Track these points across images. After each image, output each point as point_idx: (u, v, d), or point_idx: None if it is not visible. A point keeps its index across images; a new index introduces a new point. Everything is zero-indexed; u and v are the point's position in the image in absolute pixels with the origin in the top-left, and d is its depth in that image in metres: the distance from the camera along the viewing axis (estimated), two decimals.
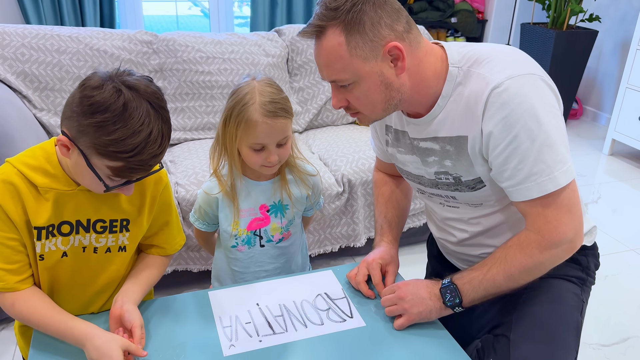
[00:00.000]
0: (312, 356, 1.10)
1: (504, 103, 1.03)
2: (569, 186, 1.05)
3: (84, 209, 1.08)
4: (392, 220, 1.44)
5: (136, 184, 1.11)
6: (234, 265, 1.45)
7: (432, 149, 1.20)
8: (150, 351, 1.08)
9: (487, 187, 1.16)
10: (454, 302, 1.13)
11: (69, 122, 0.94)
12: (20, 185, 1.02)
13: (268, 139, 1.25)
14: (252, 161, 1.30)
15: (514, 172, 1.06)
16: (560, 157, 1.04)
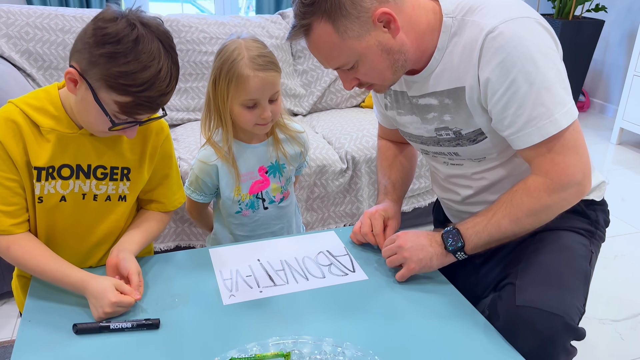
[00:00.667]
0: (314, 306, 1.07)
1: (499, 47, 1.01)
2: (572, 127, 1.03)
3: (85, 154, 1.08)
4: (396, 182, 1.42)
5: (138, 132, 1.10)
6: (239, 231, 1.44)
7: (430, 104, 1.18)
8: (149, 300, 1.07)
9: (488, 139, 1.14)
10: (456, 247, 1.10)
11: (80, 54, 0.94)
12: (22, 124, 1.02)
13: (260, 94, 1.24)
14: (246, 120, 1.28)
15: (514, 118, 1.04)
16: (559, 99, 1.02)
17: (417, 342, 0.98)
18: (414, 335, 1.00)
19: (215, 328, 1.01)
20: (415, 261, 1.11)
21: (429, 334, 1.00)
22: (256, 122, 1.28)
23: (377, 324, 1.02)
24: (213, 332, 1.00)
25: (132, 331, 0.99)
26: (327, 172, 2.03)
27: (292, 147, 1.42)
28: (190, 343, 0.97)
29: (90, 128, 1.03)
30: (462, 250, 1.11)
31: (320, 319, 1.03)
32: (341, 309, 1.06)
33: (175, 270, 1.19)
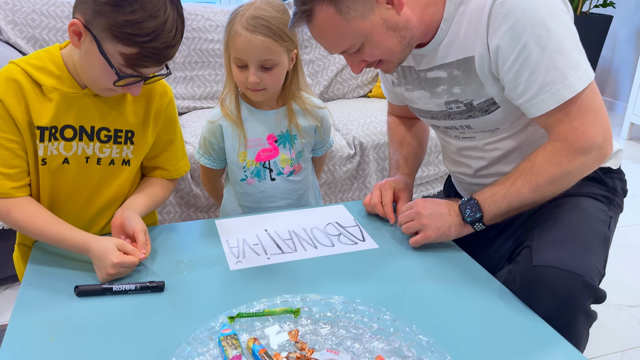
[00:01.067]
0: (323, 271, 1.04)
1: (508, 13, 0.98)
2: (589, 90, 1.00)
3: (88, 115, 1.05)
4: (408, 156, 1.39)
5: (142, 95, 1.08)
6: (244, 201, 1.40)
7: (439, 77, 1.15)
8: (154, 267, 1.04)
9: (501, 108, 1.11)
10: (475, 218, 1.07)
11: (84, 5, 0.92)
12: (24, 84, 1.00)
13: (246, 55, 1.21)
14: (238, 80, 1.27)
15: (527, 85, 1.01)
16: (573, 61, 0.99)
17: (430, 304, 0.94)
18: (426, 297, 0.96)
19: (222, 291, 0.98)
20: (433, 229, 1.08)
21: (442, 296, 0.97)
22: (246, 86, 1.26)
23: (389, 287, 0.99)
24: (219, 295, 0.97)
25: (135, 294, 0.96)
26: (335, 158, 2.00)
27: (307, 121, 1.38)
28: (196, 305, 0.94)
29: (95, 85, 1.00)
30: (480, 221, 1.07)
31: (330, 282, 1.00)
32: (351, 274, 1.03)
33: (180, 239, 1.16)
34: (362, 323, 0.84)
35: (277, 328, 0.83)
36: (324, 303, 0.88)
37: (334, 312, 0.86)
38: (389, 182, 1.26)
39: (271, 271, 1.04)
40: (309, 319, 0.85)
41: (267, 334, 0.82)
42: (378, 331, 0.83)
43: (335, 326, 0.84)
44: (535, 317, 0.92)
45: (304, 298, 0.88)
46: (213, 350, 0.78)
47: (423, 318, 0.89)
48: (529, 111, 1.05)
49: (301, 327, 0.84)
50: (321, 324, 0.85)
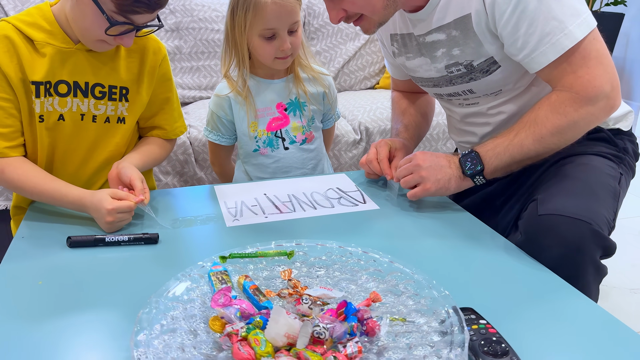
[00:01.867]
0: (322, 229, 1.02)
1: None
2: (591, 37, 0.97)
3: (82, 70, 1.05)
4: (409, 125, 1.37)
5: (135, 51, 1.08)
6: (260, 173, 1.39)
7: (438, 40, 1.13)
8: (149, 222, 1.02)
9: (501, 67, 1.09)
10: (475, 170, 1.04)
11: None
12: (16, 40, 0.99)
13: (279, 22, 1.20)
14: (265, 53, 1.25)
15: (526, 38, 0.98)
16: (571, 10, 0.96)
17: (430, 255, 0.91)
18: (427, 250, 0.93)
19: (217, 244, 0.96)
20: (433, 181, 1.04)
21: (443, 249, 0.93)
22: (275, 56, 1.25)
23: (388, 242, 0.96)
24: (214, 248, 0.95)
25: (129, 245, 0.94)
26: (340, 143, 1.98)
27: (314, 87, 1.37)
28: (189, 256, 0.91)
29: (86, 36, 1.00)
30: (480, 174, 1.04)
31: (328, 237, 0.97)
32: (350, 231, 1.00)
33: (177, 201, 1.14)
34: (358, 266, 0.81)
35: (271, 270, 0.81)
36: (320, 248, 0.85)
37: (329, 256, 0.83)
38: (384, 140, 1.23)
39: (268, 228, 1.01)
40: (303, 263, 0.82)
41: (259, 275, 0.79)
42: (374, 272, 0.79)
43: (330, 269, 0.81)
44: (541, 267, 0.88)
45: (299, 242, 0.85)
46: (203, 286, 0.75)
47: (421, 263, 0.85)
48: (530, 66, 1.02)
49: (295, 270, 0.81)
50: (316, 268, 0.82)
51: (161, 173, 1.85)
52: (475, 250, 0.93)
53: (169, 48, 2.26)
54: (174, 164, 1.85)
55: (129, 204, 0.96)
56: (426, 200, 1.13)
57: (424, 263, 0.86)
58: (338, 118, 1.51)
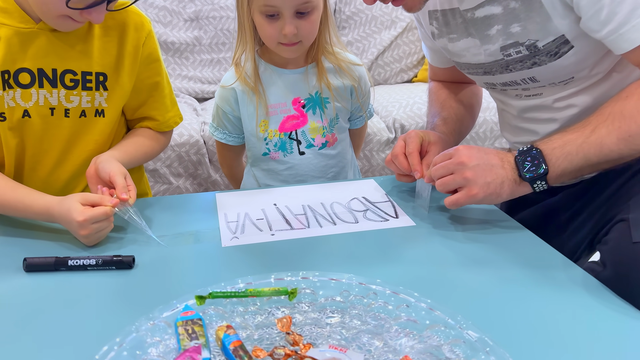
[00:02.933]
0: (340, 251, 0.80)
1: None
2: None
3: (47, 55, 0.86)
4: (449, 118, 1.13)
5: (112, 28, 0.89)
6: (270, 180, 1.18)
7: (492, 15, 0.90)
8: (127, 240, 0.83)
9: (575, 49, 0.85)
10: (536, 174, 0.80)
11: None
12: None
13: (281, 0, 1.00)
14: (267, 34, 1.04)
15: (614, 7, 0.74)
16: None
17: (482, 293, 0.68)
18: (477, 285, 0.70)
19: (205, 270, 0.76)
20: (481, 185, 0.81)
21: (500, 283, 0.70)
22: (278, 40, 1.04)
23: (426, 271, 0.73)
24: (201, 275, 0.75)
25: (97, 270, 0.75)
26: (372, 142, 1.76)
27: (340, 80, 1.15)
28: (168, 288, 0.71)
29: (46, 12, 0.81)
30: (543, 179, 0.80)
31: (347, 264, 0.76)
32: (377, 255, 0.78)
33: (169, 212, 0.94)
34: (386, 312, 0.59)
35: (264, 315, 0.60)
36: (334, 284, 0.63)
37: (345, 297, 0.62)
38: (415, 131, 0.99)
39: (273, 250, 0.80)
40: (310, 305, 0.61)
41: (249, 323, 0.59)
42: (408, 323, 0.57)
43: (347, 315, 0.60)
44: (637, 314, 0.64)
45: (306, 277, 0.64)
46: (168, 340, 0.55)
47: (473, 310, 0.63)
48: (617, 45, 0.78)
49: (300, 315, 0.60)
50: (328, 311, 0.61)
51: (172, 175, 1.67)
52: (546, 289, 0.69)
53: (188, 39, 2.09)
54: (186, 165, 1.67)
55: (103, 211, 0.78)
56: (468, 213, 0.90)
57: (477, 309, 0.63)
58: (370, 117, 1.28)
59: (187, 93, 2.04)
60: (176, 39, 2.07)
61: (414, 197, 0.97)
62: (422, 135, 0.97)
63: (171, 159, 1.64)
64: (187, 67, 2.09)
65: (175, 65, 2.08)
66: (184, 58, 2.09)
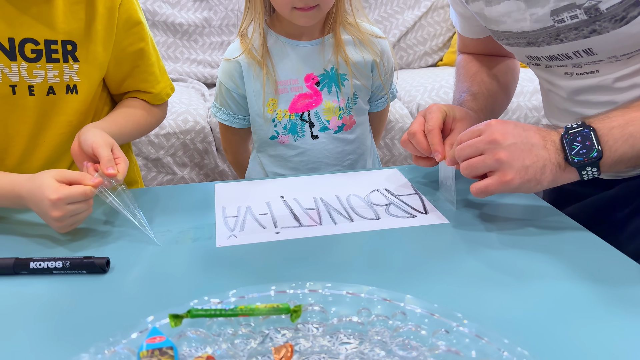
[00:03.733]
0: (357, 261, 0.66)
1: None
2: None
3: (1, 21, 0.73)
4: (479, 93, 0.96)
5: None
6: (278, 167, 1.05)
7: None
8: (100, 238, 0.70)
9: None
10: (587, 158, 0.64)
11: None
12: None
13: None
14: (279, 0, 0.91)
15: None
16: None
17: (552, 317, 0.53)
18: (535, 302, 0.55)
19: (194, 277, 0.62)
20: (517, 169, 0.65)
21: (571, 304, 0.55)
22: (293, 5, 0.90)
23: (466, 284, 0.58)
24: (187, 283, 0.61)
25: (65, 274, 0.62)
26: (394, 130, 1.61)
27: (361, 53, 1.01)
28: (145, 301, 0.58)
29: None
30: (595, 165, 0.65)
31: (367, 271, 0.62)
32: (404, 264, 0.64)
33: (158, 205, 0.81)
34: (419, 339, 0.45)
35: (259, 340, 0.46)
36: (350, 300, 0.49)
37: (365, 317, 0.48)
38: (437, 104, 0.83)
39: (276, 253, 0.67)
40: (320, 326, 0.47)
41: (239, 350, 0.45)
42: (448, 356, 0.43)
43: (367, 342, 0.46)
44: None
45: (315, 289, 0.50)
46: None
47: (532, 337, 0.49)
48: None
49: (305, 340, 0.46)
50: (342, 336, 0.47)
51: (176, 165, 1.54)
52: (625, 311, 0.54)
53: (197, 20, 1.96)
54: (191, 154, 1.54)
55: (82, 190, 0.65)
56: (510, 208, 0.75)
57: (538, 335, 0.49)
58: (394, 98, 1.13)
59: (196, 78, 1.92)
60: (184, 20, 1.94)
61: (438, 187, 0.82)
62: (445, 110, 0.81)
63: (175, 147, 1.51)
64: (196, 51, 1.96)
65: (184, 48, 1.95)
66: (192, 41, 1.96)
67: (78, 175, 0.66)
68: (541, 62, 0.87)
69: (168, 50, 1.94)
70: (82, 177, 0.66)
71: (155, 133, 1.48)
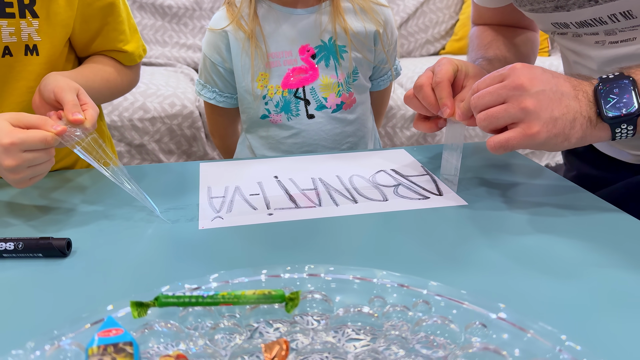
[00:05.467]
0: (362, 242, 0.57)
1: None
2: None
3: None
4: (495, 58, 0.86)
5: None
6: (270, 150, 0.95)
7: None
8: (68, 217, 0.60)
9: None
10: (624, 112, 0.55)
11: None
12: None
13: None
14: None
15: None
16: None
17: (583, 305, 0.44)
18: (576, 293, 0.46)
19: (168, 261, 0.53)
20: (545, 121, 0.55)
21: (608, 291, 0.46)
22: None
23: (499, 274, 0.49)
24: (161, 267, 0.52)
25: (17, 257, 0.52)
26: (395, 117, 1.52)
27: (362, 23, 0.91)
28: (114, 283, 0.49)
29: None
30: (632, 122, 0.56)
31: (376, 255, 0.52)
32: (420, 244, 0.55)
33: (142, 185, 0.72)
34: (447, 333, 0.36)
35: (246, 335, 0.37)
36: (359, 286, 0.40)
37: (379, 306, 0.38)
38: (448, 58, 0.72)
39: (270, 235, 0.57)
40: (322, 319, 0.38)
41: (220, 348, 0.36)
42: (486, 355, 0.34)
43: (382, 339, 0.36)
44: None
45: (315, 273, 0.41)
46: None
47: (574, 327, 0.40)
48: None
49: (303, 336, 0.37)
50: (350, 331, 0.37)
51: (162, 152, 1.44)
52: None
53: (187, 3, 1.86)
54: (178, 140, 1.44)
55: (42, 136, 0.55)
56: (525, 181, 0.66)
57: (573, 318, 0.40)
58: (398, 75, 1.04)
59: (185, 63, 1.82)
60: (174, 2, 1.84)
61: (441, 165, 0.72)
62: (457, 64, 0.70)
63: (161, 132, 1.41)
64: (186, 35, 1.86)
65: (173, 32, 1.85)
66: (182, 24, 1.86)
67: (37, 120, 0.56)
68: (569, 30, 0.77)
69: (156, 34, 1.84)
70: (43, 121, 0.56)
71: (139, 117, 1.38)
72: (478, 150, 0.83)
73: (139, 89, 1.44)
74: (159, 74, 1.61)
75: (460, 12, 2.05)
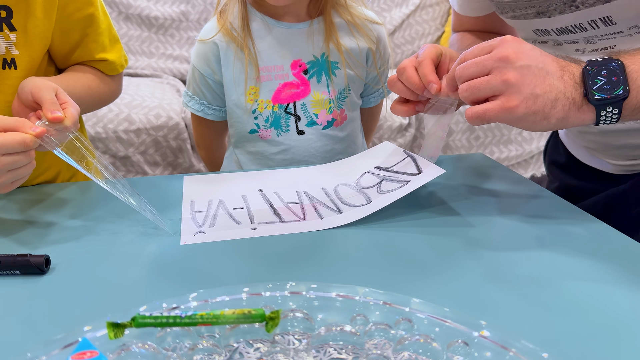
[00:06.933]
0: (350, 256, 0.56)
1: None
2: None
3: None
4: None
5: None
6: (258, 166, 0.94)
7: None
8: (43, 234, 0.59)
9: None
10: (611, 95, 0.55)
11: None
12: None
13: None
14: None
15: None
16: None
17: (594, 317, 0.44)
18: (559, 307, 0.46)
19: (149, 278, 0.52)
20: (526, 96, 0.55)
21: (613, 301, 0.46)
22: None
23: (480, 288, 0.49)
24: (140, 285, 0.51)
25: None
26: (382, 129, 1.52)
27: (355, 40, 0.91)
28: (94, 300, 0.48)
29: None
30: (617, 104, 0.56)
31: (361, 270, 0.52)
32: (402, 259, 0.54)
33: (115, 200, 0.71)
34: (429, 352, 0.36)
35: (224, 356, 0.36)
36: (341, 304, 0.40)
37: (361, 325, 0.38)
38: (434, 44, 0.72)
39: (253, 249, 0.57)
40: (303, 338, 0.38)
41: None
42: None
43: (364, 357, 0.36)
44: None
45: (297, 291, 0.40)
46: None
47: (556, 345, 0.39)
48: None
49: (284, 357, 0.36)
50: (331, 351, 0.37)
51: (147, 164, 1.43)
52: None
53: (173, 14, 1.86)
54: (164, 152, 1.43)
55: (20, 138, 0.54)
56: (506, 190, 0.66)
57: (573, 343, 0.40)
58: (390, 92, 1.04)
59: (172, 74, 1.81)
60: (160, 13, 1.84)
61: None
62: (441, 49, 0.70)
63: (146, 144, 1.40)
64: (172, 46, 1.86)
65: (159, 43, 1.85)
66: (168, 35, 1.86)
67: (16, 122, 0.55)
68: (550, 38, 0.78)
69: (142, 45, 1.83)
70: (21, 123, 0.55)
71: (124, 129, 1.37)
72: (460, 160, 0.84)
73: (124, 100, 1.44)
74: (145, 85, 1.60)
75: (447, 24, 2.07)
